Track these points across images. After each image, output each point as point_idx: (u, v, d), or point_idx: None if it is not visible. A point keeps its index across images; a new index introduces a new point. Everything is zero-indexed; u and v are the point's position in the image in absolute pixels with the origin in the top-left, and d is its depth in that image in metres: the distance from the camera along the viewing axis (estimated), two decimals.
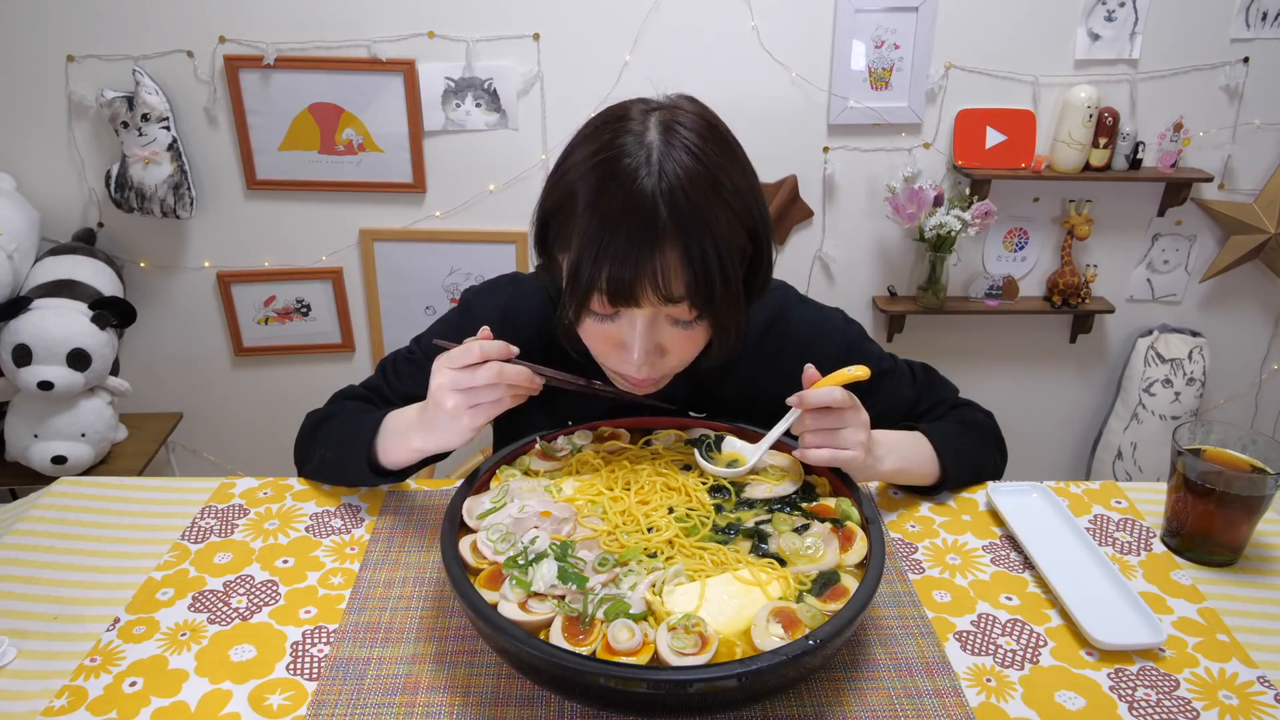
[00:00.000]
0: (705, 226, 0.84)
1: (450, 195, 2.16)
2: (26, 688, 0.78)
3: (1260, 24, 2.06)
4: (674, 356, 0.96)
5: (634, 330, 0.90)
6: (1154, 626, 0.85)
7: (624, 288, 0.85)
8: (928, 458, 1.04)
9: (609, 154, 0.85)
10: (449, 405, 0.88)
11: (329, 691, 0.79)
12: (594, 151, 0.87)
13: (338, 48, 1.99)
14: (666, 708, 0.71)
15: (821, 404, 0.91)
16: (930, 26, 2.04)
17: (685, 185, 0.84)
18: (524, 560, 0.79)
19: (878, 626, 0.87)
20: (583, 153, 0.88)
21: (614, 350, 0.94)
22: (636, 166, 0.84)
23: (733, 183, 0.87)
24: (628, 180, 0.83)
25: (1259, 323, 2.41)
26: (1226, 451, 0.99)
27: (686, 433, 1.03)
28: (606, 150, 0.86)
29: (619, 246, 0.84)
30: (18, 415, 1.93)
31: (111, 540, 0.99)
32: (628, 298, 0.86)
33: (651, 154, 0.84)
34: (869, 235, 2.26)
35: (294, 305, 2.25)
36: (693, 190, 0.84)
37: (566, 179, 0.89)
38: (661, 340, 0.93)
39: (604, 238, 0.84)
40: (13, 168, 2.05)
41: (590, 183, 0.86)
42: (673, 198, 0.83)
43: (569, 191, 0.88)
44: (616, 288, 0.85)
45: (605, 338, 0.94)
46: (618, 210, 0.83)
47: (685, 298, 0.87)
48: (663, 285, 0.85)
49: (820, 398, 0.91)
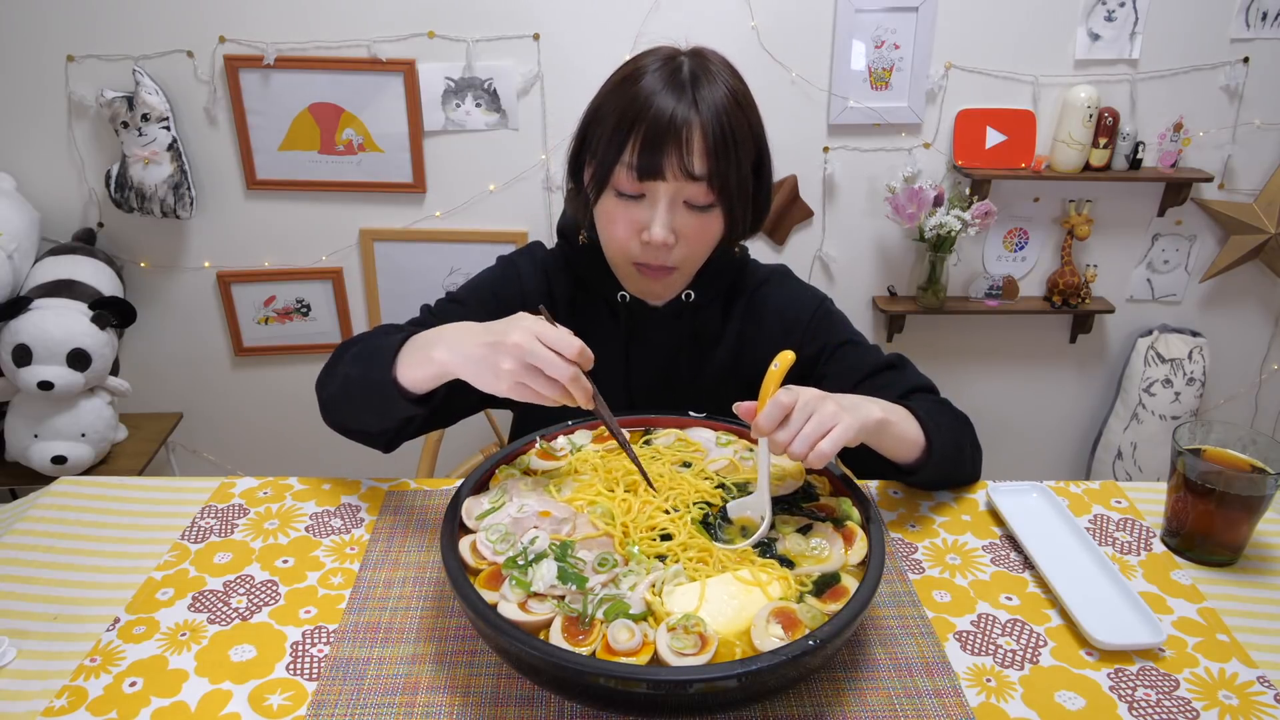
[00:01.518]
0: (726, 119, 1.00)
1: (450, 195, 2.16)
2: (26, 688, 0.78)
3: (1260, 24, 2.06)
4: (686, 246, 1.06)
5: (656, 207, 1.03)
6: (1154, 626, 0.85)
7: (652, 161, 0.99)
8: (907, 417, 1.01)
9: (642, 64, 1.03)
10: (506, 366, 0.86)
11: (329, 691, 0.79)
12: (629, 70, 1.04)
13: (338, 48, 1.99)
14: (666, 708, 0.71)
15: (775, 422, 0.86)
16: (930, 26, 2.04)
17: (709, 89, 1.01)
18: (524, 560, 0.79)
19: (878, 626, 0.87)
20: (619, 75, 1.05)
21: (634, 234, 1.05)
22: (670, 71, 1.02)
23: (749, 104, 1.05)
24: (661, 78, 1.01)
25: (1259, 323, 2.41)
26: (1226, 451, 0.99)
27: (686, 432, 1.03)
28: (640, 63, 1.04)
29: (649, 125, 0.99)
30: (18, 415, 1.93)
31: (111, 540, 0.99)
32: (654, 171, 1.00)
33: (682, 67, 1.02)
34: (869, 235, 2.26)
35: (294, 305, 2.25)
36: (716, 95, 1.01)
37: (604, 94, 1.05)
38: (678, 225, 1.04)
39: (636, 115, 0.99)
40: (13, 168, 2.05)
41: (627, 85, 1.02)
42: (698, 92, 1.00)
43: (605, 99, 1.04)
44: (645, 161, 1.00)
45: (627, 221, 1.05)
46: (650, 95, 1.00)
47: (705, 177, 1.00)
48: (686, 160, 0.99)
49: (770, 418, 0.86)
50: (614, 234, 1.07)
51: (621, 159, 1.01)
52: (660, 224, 1.02)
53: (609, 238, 1.09)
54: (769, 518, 0.86)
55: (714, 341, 1.20)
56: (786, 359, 0.88)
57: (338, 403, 1.06)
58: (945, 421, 1.06)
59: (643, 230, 1.04)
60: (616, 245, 1.09)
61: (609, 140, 1.02)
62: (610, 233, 1.08)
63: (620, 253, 1.09)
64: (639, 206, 1.04)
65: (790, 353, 0.89)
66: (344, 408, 1.06)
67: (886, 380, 1.12)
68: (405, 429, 1.05)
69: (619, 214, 1.05)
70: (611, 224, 1.07)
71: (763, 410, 0.86)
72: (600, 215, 1.09)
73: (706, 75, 1.02)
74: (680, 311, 1.18)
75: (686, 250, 1.07)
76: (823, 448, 0.85)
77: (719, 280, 1.18)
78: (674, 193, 1.02)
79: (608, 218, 1.07)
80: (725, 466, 0.96)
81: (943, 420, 1.06)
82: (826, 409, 0.87)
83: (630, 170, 1.01)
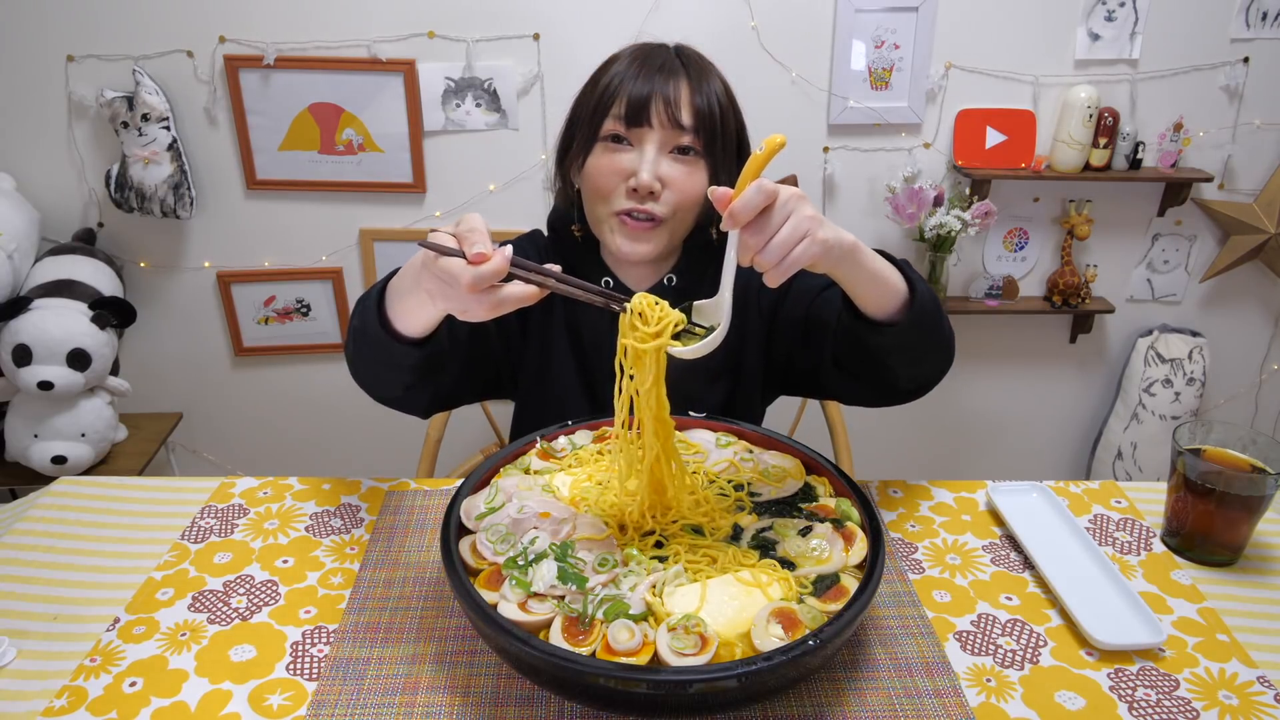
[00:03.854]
0: (713, 89, 1.08)
1: (450, 195, 2.16)
2: (26, 688, 0.79)
3: (1260, 24, 2.06)
4: (672, 196, 1.08)
5: (644, 153, 1.06)
6: (1154, 626, 0.85)
7: (640, 105, 1.05)
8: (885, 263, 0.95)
9: (629, 48, 1.12)
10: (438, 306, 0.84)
11: (329, 691, 0.79)
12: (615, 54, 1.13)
13: (338, 48, 1.99)
14: (666, 708, 0.71)
15: (753, 211, 0.77)
16: (930, 26, 2.03)
17: (698, 65, 1.10)
18: (524, 561, 0.79)
19: (878, 626, 0.87)
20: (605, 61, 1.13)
21: (621, 181, 1.08)
22: (656, 47, 1.12)
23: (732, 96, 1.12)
24: (647, 51, 1.10)
25: (1259, 323, 2.41)
26: (1226, 451, 0.99)
27: (686, 433, 1.03)
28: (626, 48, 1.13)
29: (638, 74, 1.07)
30: (18, 415, 1.93)
31: (111, 540, 0.99)
32: (642, 116, 1.05)
33: (668, 46, 1.13)
34: (869, 235, 2.26)
35: (294, 305, 2.25)
36: (704, 70, 1.10)
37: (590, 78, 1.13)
38: (664, 172, 1.07)
39: (626, 70, 1.08)
40: (13, 168, 2.04)
41: (613, 62, 1.11)
42: (684, 57, 1.10)
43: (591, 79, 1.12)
44: (634, 105, 1.05)
45: (614, 169, 1.08)
46: (638, 54, 1.10)
47: (691, 128, 1.06)
48: (673, 106, 1.05)
49: (748, 204, 0.77)
50: (600, 185, 1.09)
51: (610, 111, 1.07)
52: (647, 168, 1.05)
53: (595, 189, 1.10)
54: (726, 323, 0.82)
55: None
56: (774, 142, 0.79)
57: (354, 361, 1.03)
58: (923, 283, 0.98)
59: (630, 177, 1.06)
60: (601, 197, 1.10)
61: (598, 101, 1.08)
62: (597, 184, 1.09)
63: (605, 206, 1.10)
64: (627, 154, 1.07)
65: (780, 136, 0.79)
66: (358, 364, 1.03)
67: None
68: (423, 384, 1.01)
69: (606, 163, 1.08)
70: (599, 175, 1.09)
71: (741, 194, 0.77)
72: (588, 173, 1.10)
73: (696, 57, 1.12)
74: (663, 295, 1.12)
75: (673, 201, 1.08)
76: (795, 255, 0.79)
77: (700, 264, 1.19)
78: (661, 140, 1.06)
79: (596, 171, 1.09)
80: (725, 469, 0.96)
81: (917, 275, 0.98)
82: (804, 210, 0.80)
83: (619, 120, 1.07)
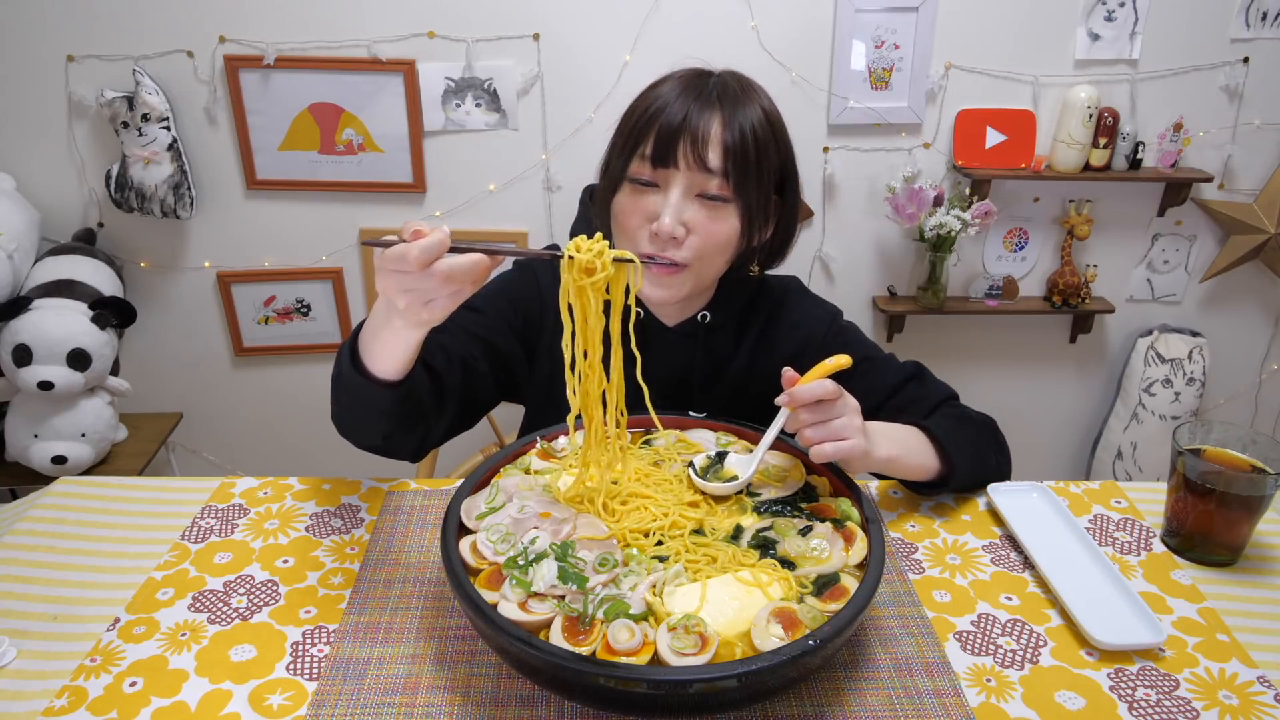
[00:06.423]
0: (750, 125, 1.02)
1: (450, 195, 2.16)
2: (26, 688, 0.78)
3: (1260, 24, 2.06)
4: (697, 241, 1.04)
5: (668, 197, 1.02)
6: (1154, 626, 0.85)
7: (668, 143, 1.00)
8: (922, 448, 1.03)
9: (672, 74, 1.07)
10: (401, 305, 0.80)
11: (329, 691, 0.79)
12: (658, 79, 1.07)
13: (338, 48, 1.99)
14: (666, 708, 0.71)
15: (812, 398, 0.90)
16: (930, 26, 2.03)
17: (738, 97, 1.03)
18: (524, 560, 0.79)
19: (878, 626, 0.87)
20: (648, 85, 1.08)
21: (644, 224, 1.04)
22: (697, 76, 1.05)
23: (779, 125, 1.08)
24: (686, 82, 1.04)
25: (1259, 323, 2.41)
26: (1226, 451, 0.99)
27: (686, 433, 1.03)
28: (670, 73, 1.07)
29: (667, 116, 1.01)
30: (18, 415, 1.93)
31: (111, 540, 0.99)
32: (668, 158, 1.01)
33: (710, 76, 1.06)
34: (869, 235, 2.26)
35: (294, 305, 2.25)
36: (742, 102, 1.03)
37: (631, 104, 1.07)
38: (688, 218, 1.03)
39: (657, 109, 1.02)
40: (13, 168, 2.05)
41: (652, 89, 1.06)
42: (724, 97, 1.03)
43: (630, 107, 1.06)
44: (661, 144, 1.00)
45: (638, 210, 1.04)
46: (673, 94, 1.03)
47: (719, 171, 1.01)
48: (700, 145, 1.00)
49: (810, 391, 0.90)
50: (625, 225, 1.06)
51: (639, 151, 1.03)
52: (670, 214, 1.01)
53: (621, 229, 1.08)
54: (748, 476, 0.92)
55: (727, 360, 1.19)
56: (841, 361, 0.93)
57: (335, 410, 1.00)
58: (967, 436, 1.07)
59: (654, 220, 1.03)
60: (626, 237, 1.07)
61: (628, 136, 1.04)
62: (622, 225, 1.07)
63: (631, 245, 1.07)
64: (652, 196, 1.03)
65: (847, 357, 0.94)
66: (338, 411, 1.00)
67: (909, 396, 1.13)
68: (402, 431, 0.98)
69: (631, 205, 1.05)
70: (624, 216, 1.06)
71: (810, 382, 0.90)
72: (616, 212, 1.08)
73: (739, 86, 1.05)
74: (695, 331, 1.16)
75: (698, 246, 1.04)
76: (825, 449, 0.90)
77: (734, 301, 1.18)
78: (686, 183, 1.02)
79: (621, 211, 1.06)
80: None
81: (963, 436, 1.06)
82: (854, 423, 0.92)
83: (644, 161, 1.02)
